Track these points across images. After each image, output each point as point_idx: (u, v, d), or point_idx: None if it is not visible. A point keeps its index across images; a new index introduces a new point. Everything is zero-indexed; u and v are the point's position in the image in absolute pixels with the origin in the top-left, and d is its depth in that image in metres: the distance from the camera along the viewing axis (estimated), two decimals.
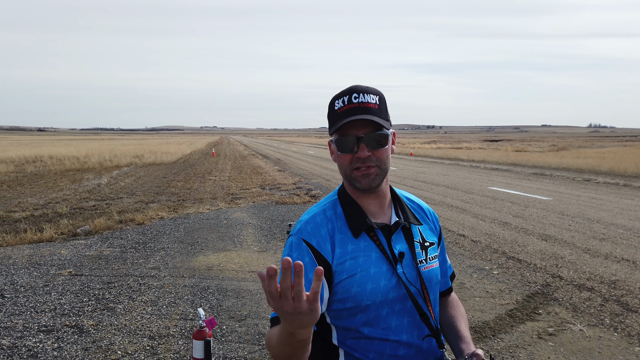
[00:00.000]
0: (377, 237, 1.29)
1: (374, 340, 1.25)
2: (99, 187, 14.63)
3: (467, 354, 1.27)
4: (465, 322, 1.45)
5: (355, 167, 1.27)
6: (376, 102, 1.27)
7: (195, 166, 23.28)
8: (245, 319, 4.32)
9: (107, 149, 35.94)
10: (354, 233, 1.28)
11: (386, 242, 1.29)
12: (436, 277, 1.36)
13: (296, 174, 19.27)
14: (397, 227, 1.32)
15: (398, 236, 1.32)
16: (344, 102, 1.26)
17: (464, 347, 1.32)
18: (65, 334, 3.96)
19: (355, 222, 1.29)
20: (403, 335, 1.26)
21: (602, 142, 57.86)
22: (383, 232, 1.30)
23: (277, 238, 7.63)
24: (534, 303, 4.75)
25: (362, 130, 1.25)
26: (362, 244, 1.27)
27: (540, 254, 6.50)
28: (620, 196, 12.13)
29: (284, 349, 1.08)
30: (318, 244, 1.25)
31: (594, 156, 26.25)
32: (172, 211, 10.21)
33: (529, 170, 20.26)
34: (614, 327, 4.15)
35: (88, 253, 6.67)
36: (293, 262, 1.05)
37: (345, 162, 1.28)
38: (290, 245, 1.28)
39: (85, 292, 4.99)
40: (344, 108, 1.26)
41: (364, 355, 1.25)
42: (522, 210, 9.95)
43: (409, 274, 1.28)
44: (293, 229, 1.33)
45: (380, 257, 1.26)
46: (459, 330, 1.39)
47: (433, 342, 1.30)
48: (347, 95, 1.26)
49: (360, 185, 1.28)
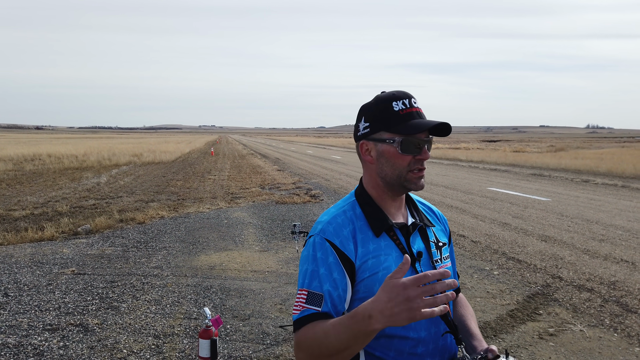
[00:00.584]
0: (397, 237, 1.33)
1: (393, 339, 1.28)
2: (98, 185, 14.64)
3: (482, 349, 1.31)
4: (475, 320, 1.49)
5: (412, 168, 1.31)
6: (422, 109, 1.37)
7: (194, 165, 23.28)
8: (249, 318, 4.35)
9: (106, 147, 35.92)
10: (375, 232, 1.31)
11: (405, 242, 1.33)
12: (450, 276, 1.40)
13: (295, 173, 19.30)
14: (415, 227, 1.37)
15: (415, 236, 1.37)
16: (405, 104, 1.31)
17: (477, 344, 1.36)
18: (70, 332, 3.98)
19: (376, 221, 1.33)
20: (422, 333, 1.29)
21: (600, 143, 58.04)
22: (402, 232, 1.35)
23: (278, 238, 7.66)
24: (534, 303, 4.79)
25: (424, 134, 1.31)
26: (382, 243, 1.31)
27: (540, 255, 6.54)
28: (619, 197, 12.20)
29: (346, 343, 1.09)
30: (341, 243, 1.28)
31: (592, 157, 26.34)
32: (173, 210, 10.23)
33: (527, 171, 20.33)
34: (614, 328, 4.20)
35: (90, 252, 6.69)
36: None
37: (404, 164, 1.31)
38: (313, 245, 1.29)
39: (89, 291, 5.02)
40: (407, 110, 1.30)
41: (384, 354, 1.28)
42: (522, 211, 10.00)
43: None
44: (314, 230, 1.35)
45: (400, 256, 1.30)
46: (469, 328, 1.43)
47: (450, 338, 1.34)
48: (407, 99, 1.32)
49: (416, 186, 1.33)
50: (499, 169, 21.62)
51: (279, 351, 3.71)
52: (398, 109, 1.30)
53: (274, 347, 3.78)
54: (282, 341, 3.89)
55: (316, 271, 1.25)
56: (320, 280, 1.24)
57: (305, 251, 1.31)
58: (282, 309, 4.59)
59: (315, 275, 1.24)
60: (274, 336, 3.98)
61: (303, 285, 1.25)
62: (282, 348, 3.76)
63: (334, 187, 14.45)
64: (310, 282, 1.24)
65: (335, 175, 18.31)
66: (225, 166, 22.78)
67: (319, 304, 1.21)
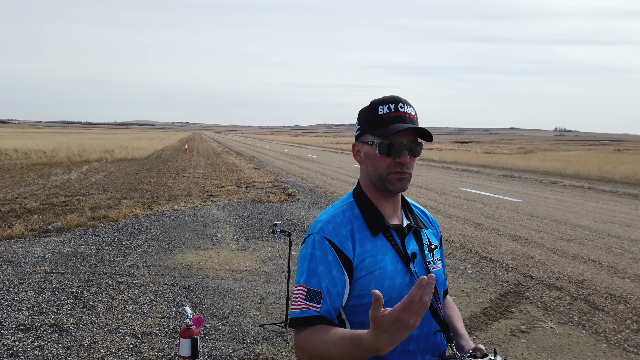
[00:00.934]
0: (393, 238, 1.37)
1: None
2: (68, 182, 14.29)
3: (470, 348, 1.37)
4: (461, 321, 1.56)
5: (393, 170, 1.35)
6: (415, 114, 1.38)
7: (167, 162, 22.96)
8: (228, 317, 4.34)
9: (75, 143, 35.00)
10: (372, 232, 1.35)
11: (400, 243, 1.38)
12: (441, 277, 1.47)
13: (271, 172, 19.25)
14: (410, 229, 1.42)
15: (410, 238, 1.41)
16: (390, 109, 1.35)
17: (464, 344, 1.43)
18: (45, 332, 3.90)
19: (374, 222, 1.37)
20: (414, 331, 1.34)
21: (567, 146, 59.82)
22: (397, 233, 1.39)
23: (256, 237, 7.65)
24: (507, 302, 4.94)
25: (406, 138, 1.34)
26: (379, 243, 1.35)
27: (512, 254, 6.74)
28: (586, 199, 12.63)
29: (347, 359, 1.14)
30: (340, 242, 1.31)
31: (560, 159, 27.15)
32: (147, 208, 10.09)
33: (498, 172, 20.81)
34: (582, 325, 4.37)
35: (62, 250, 6.54)
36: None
37: (384, 165, 1.35)
38: (313, 243, 1.33)
39: (63, 290, 4.92)
40: (391, 115, 1.34)
41: None
42: (494, 212, 10.25)
43: (420, 273, 1.37)
44: (313, 228, 1.38)
45: (395, 256, 1.35)
46: (457, 328, 1.50)
47: (440, 337, 1.39)
48: (393, 103, 1.35)
49: (395, 187, 1.36)
50: (471, 170, 22.06)
51: (259, 350, 3.73)
52: (382, 113, 1.35)
53: (254, 346, 3.79)
54: (262, 340, 3.90)
55: (315, 269, 1.29)
56: (319, 277, 1.27)
57: (304, 249, 1.35)
58: (261, 308, 4.60)
59: (314, 272, 1.28)
60: (254, 335, 3.99)
61: (302, 282, 1.29)
62: (262, 347, 3.78)
63: (311, 187, 14.48)
64: (309, 279, 1.28)
65: (311, 175, 18.34)
66: (199, 164, 22.54)
67: (318, 301, 1.25)
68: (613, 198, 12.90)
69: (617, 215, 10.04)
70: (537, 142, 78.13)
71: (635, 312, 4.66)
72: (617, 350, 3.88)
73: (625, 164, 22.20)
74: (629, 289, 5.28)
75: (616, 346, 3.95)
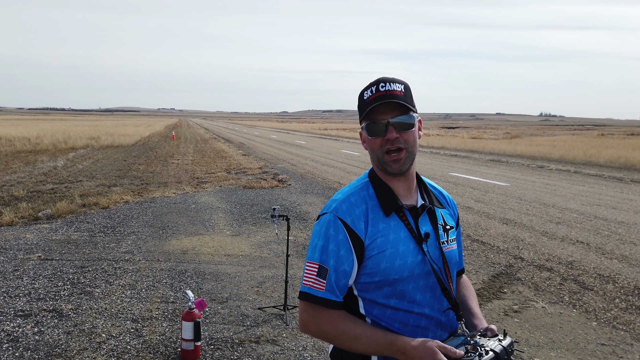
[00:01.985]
0: (406, 218, 1.40)
1: (399, 312, 1.37)
2: (55, 169, 14.11)
3: (482, 328, 1.42)
4: (476, 300, 1.59)
5: (386, 150, 1.37)
6: (402, 90, 1.38)
7: (155, 149, 22.74)
8: (227, 301, 4.38)
9: (60, 130, 34.42)
10: (385, 212, 1.39)
11: (414, 223, 1.41)
12: (455, 257, 1.50)
13: (261, 158, 19.20)
14: (424, 209, 1.44)
15: (424, 218, 1.44)
16: (372, 91, 1.38)
17: (477, 323, 1.47)
18: (44, 318, 3.90)
19: (387, 202, 1.40)
20: (425, 309, 1.38)
21: (553, 131, 60.48)
22: (411, 213, 1.42)
23: (249, 222, 7.67)
24: (499, 283, 5.05)
25: (389, 114, 1.36)
26: (392, 222, 1.39)
27: (502, 237, 6.86)
28: (572, 182, 12.84)
29: (372, 353, 1.34)
30: (352, 222, 1.35)
31: (545, 144, 27.48)
32: (137, 195, 10.03)
33: (486, 157, 21.02)
34: (573, 304, 4.49)
35: (55, 237, 6.50)
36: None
37: (376, 146, 1.39)
38: (327, 223, 1.36)
39: (59, 277, 4.90)
40: (372, 97, 1.37)
41: (389, 325, 1.37)
42: (483, 195, 10.39)
43: (433, 253, 1.40)
44: (328, 207, 1.41)
45: (408, 236, 1.38)
46: (471, 307, 1.53)
47: (452, 314, 1.43)
48: (375, 85, 1.38)
49: (392, 169, 1.39)
50: (459, 155, 22.23)
51: (260, 332, 3.78)
52: (366, 97, 1.39)
53: (255, 328, 3.84)
54: (261, 322, 3.95)
55: (325, 247, 1.35)
56: (329, 255, 1.34)
57: (318, 227, 1.39)
58: (259, 292, 4.64)
59: (325, 250, 1.35)
60: (254, 318, 4.04)
61: (313, 259, 1.36)
62: (262, 329, 3.83)
63: (301, 172, 14.50)
64: (320, 256, 1.35)
65: (301, 161, 18.34)
66: (188, 150, 22.38)
67: (325, 277, 1.34)
68: (599, 181, 13.14)
69: (603, 198, 10.24)
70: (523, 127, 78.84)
71: (624, 291, 4.80)
72: (607, 328, 4.01)
73: (609, 148, 22.58)
74: (616, 269, 5.43)
75: (606, 324, 4.08)
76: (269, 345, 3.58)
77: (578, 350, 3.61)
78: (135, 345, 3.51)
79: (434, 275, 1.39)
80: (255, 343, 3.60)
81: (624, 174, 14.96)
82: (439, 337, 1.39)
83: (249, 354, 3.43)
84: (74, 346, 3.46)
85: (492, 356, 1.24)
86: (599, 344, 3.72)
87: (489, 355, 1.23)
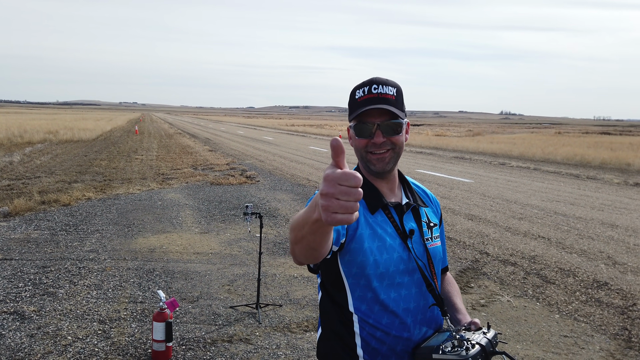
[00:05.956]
0: (391, 215, 1.43)
1: (386, 308, 1.39)
2: (11, 165, 13.51)
3: (466, 322, 1.46)
4: (460, 296, 1.63)
5: (370, 150, 1.39)
6: (394, 93, 1.39)
7: (118, 144, 22.12)
8: (197, 300, 4.31)
9: (15, 123, 32.97)
10: (370, 209, 1.41)
11: (399, 220, 1.44)
12: (439, 254, 1.53)
13: (228, 154, 18.97)
14: (408, 207, 1.47)
15: (408, 215, 1.47)
16: (364, 92, 1.39)
17: (461, 318, 1.51)
18: (4, 321, 3.74)
19: (372, 200, 1.42)
20: (411, 304, 1.41)
21: (512, 129, 62.32)
22: (396, 210, 1.45)
23: (218, 219, 7.57)
24: (466, 278, 5.18)
25: (379, 118, 1.38)
26: (379, 218, 1.41)
27: (468, 233, 7.03)
28: (532, 179, 13.28)
29: (302, 228, 1.07)
30: None
31: (506, 142, 28.29)
32: (100, 191, 9.73)
33: (450, 154, 21.46)
34: (536, 298, 4.66)
35: (13, 236, 6.23)
36: None
37: (361, 146, 1.40)
38: None
39: (20, 277, 4.71)
40: (364, 97, 1.38)
41: (377, 322, 1.39)
42: (448, 192, 10.61)
43: (417, 250, 1.43)
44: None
45: (393, 232, 1.41)
46: (455, 303, 1.58)
47: (437, 310, 1.46)
48: (368, 86, 1.39)
49: (375, 168, 1.41)
50: (424, 152, 22.61)
51: (232, 331, 3.74)
52: (358, 97, 1.40)
53: (227, 327, 3.80)
54: (234, 321, 3.92)
55: None
56: None
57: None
58: (230, 290, 4.59)
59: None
60: (226, 317, 4.00)
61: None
62: (234, 328, 3.79)
63: (269, 169, 14.41)
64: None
65: (269, 157, 18.23)
66: (152, 146, 21.86)
67: None
68: (557, 178, 13.64)
69: (562, 194, 10.65)
70: (485, 125, 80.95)
71: (584, 284, 5.01)
72: (568, 320, 4.18)
73: (565, 146, 23.48)
74: (576, 263, 5.66)
75: (568, 316, 4.25)
76: (242, 344, 3.55)
77: (542, 342, 3.74)
78: (103, 347, 3.41)
79: (419, 271, 1.41)
80: (228, 342, 3.56)
81: (580, 170, 15.59)
82: (425, 333, 1.42)
83: (221, 354, 3.40)
84: (38, 349, 3.33)
85: (479, 349, 1.27)
86: (561, 335, 3.87)
87: (475, 349, 1.26)
